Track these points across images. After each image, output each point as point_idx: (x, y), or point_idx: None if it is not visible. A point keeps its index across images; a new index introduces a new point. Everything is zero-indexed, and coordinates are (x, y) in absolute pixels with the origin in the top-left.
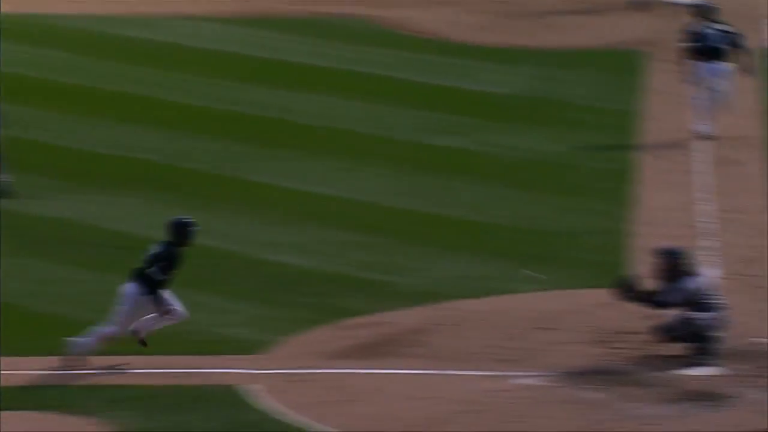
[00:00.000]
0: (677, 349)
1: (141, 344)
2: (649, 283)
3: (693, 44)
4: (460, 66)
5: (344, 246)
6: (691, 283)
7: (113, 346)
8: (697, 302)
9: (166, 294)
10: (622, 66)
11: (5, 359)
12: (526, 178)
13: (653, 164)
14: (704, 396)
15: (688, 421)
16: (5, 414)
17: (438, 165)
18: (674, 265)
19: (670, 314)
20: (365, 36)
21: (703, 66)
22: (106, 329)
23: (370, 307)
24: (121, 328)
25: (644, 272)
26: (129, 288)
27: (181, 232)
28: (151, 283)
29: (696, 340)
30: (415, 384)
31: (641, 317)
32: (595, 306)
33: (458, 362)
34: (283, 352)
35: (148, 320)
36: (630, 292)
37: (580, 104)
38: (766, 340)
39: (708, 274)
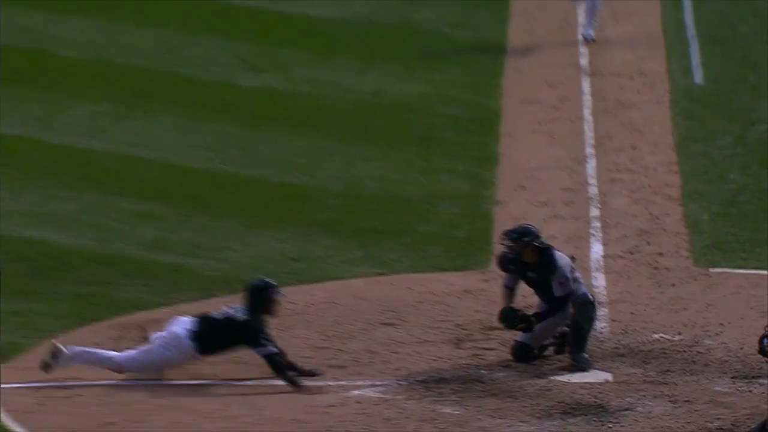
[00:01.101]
0: (554, 351)
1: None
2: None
3: None
4: None
5: (123, 218)
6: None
7: None
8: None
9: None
10: None
11: None
12: (365, 130)
13: (525, 111)
14: (588, 409)
15: None
16: None
17: (248, 112)
18: (533, 250)
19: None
20: None
21: None
22: (111, 355)
23: (156, 299)
24: (132, 366)
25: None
26: (183, 335)
27: (263, 297)
28: (208, 347)
29: (572, 338)
30: (216, 398)
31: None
32: (452, 294)
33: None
34: (37, 358)
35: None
36: (518, 323)
37: (433, 33)
38: (666, 335)
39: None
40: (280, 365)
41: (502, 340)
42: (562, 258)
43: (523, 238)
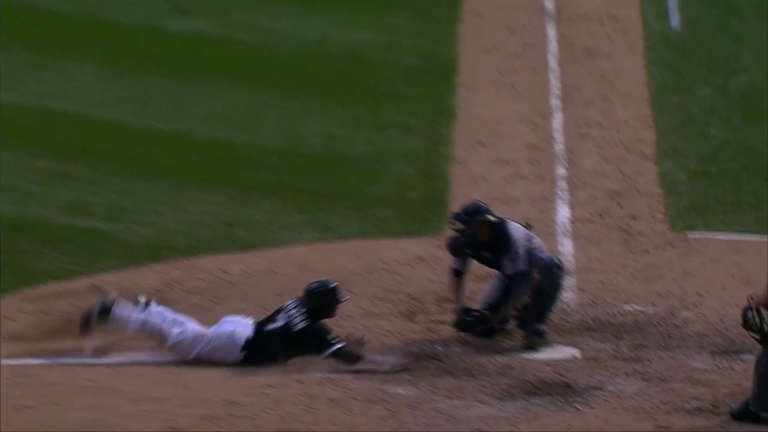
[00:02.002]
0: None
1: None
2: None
3: None
4: None
5: (39, 179)
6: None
7: None
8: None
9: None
10: None
11: None
12: (308, 81)
13: (485, 60)
14: (554, 388)
15: (533, 425)
16: None
17: (178, 61)
18: (488, 227)
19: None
20: None
21: None
22: (166, 327)
23: (76, 268)
24: (180, 351)
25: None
26: (239, 344)
27: (327, 302)
28: (256, 357)
29: (532, 306)
30: (142, 379)
31: (469, 279)
32: (404, 263)
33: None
34: None
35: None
36: (476, 328)
37: None
38: (639, 307)
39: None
40: (350, 356)
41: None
42: (517, 230)
43: (475, 217)
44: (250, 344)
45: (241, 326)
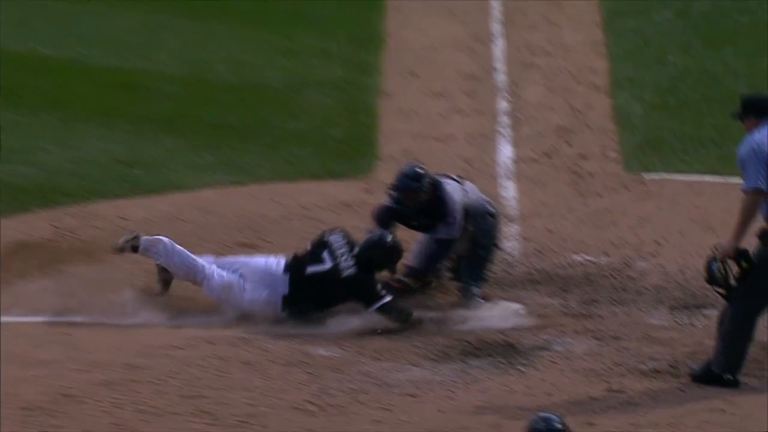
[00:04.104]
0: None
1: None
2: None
3: None
4: None
5: None
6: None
7: None
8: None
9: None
10: None
11: None
12: (215, 1)
13: None
14: (495, 348)
15: (472, 389)
16: None
17: None
18: (430, 190)
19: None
20: None
21: None
22: (197, 263)
23: None
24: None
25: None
26: (273, 264)
27: (391, 258)
28: (297, 294)
29: (466, 263)
30: (26, 339)
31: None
32: (326, 208)
33: (94, 306)
34: None
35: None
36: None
37: None
38: (590, 257)
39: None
40: (400, 312)
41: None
42: (454, 191)
43: (422, 182)
44: (294, 277)
45: (272, 263)
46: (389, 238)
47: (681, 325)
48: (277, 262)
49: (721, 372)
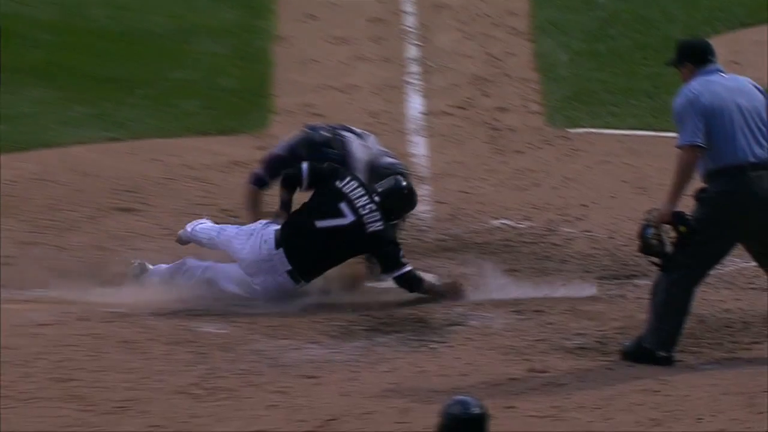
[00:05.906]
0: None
1: None
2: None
3: None
4: None
5: None
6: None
7: None
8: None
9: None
10: None
11: None
12: None
13: None
14: (404, 324)
15: (378, 369)
16: None
17: None
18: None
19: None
20: None
21: None
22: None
23: None
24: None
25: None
26: (257, 247)
27: (407, 205)
28: (304, 260)
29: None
30: None
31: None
32: (215, 168)
33: None
34: None
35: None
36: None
37: None
38: (510, 222)
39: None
40: (420, 282)
41: None
42: (357, 150)
43: (332, 152)
44: (286, 239)
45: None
46: (405, 183)
47: (610, 297)
48: (260, 244)
49: (653, 348)
